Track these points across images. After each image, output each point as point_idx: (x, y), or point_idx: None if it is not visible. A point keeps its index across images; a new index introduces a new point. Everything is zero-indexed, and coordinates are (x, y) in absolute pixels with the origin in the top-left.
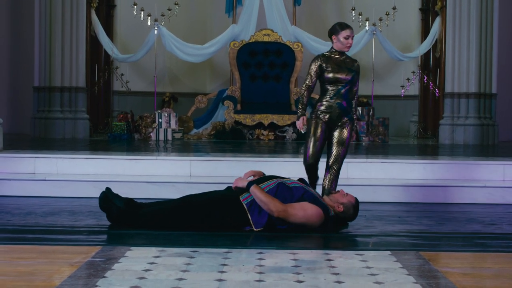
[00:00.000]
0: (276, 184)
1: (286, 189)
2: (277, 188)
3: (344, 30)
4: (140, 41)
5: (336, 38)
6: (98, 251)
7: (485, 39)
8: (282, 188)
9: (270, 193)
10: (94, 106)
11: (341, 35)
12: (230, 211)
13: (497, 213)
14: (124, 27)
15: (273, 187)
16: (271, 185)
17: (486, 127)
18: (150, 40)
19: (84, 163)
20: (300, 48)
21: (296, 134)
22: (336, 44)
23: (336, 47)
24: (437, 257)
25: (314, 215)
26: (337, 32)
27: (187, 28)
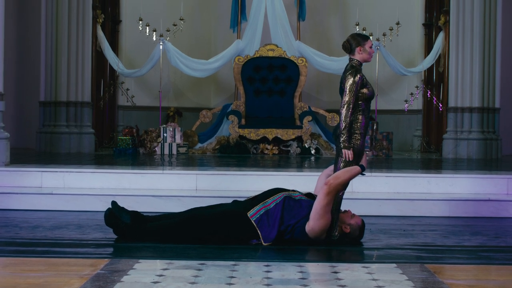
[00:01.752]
0: (283, 197)
1: (293, 201)
2: (284, 201)
3: (368, 39)
4: (145, 56)
5: (362, 49)
6: (106, 263)
7: (488, 53)
8: (289, 200)
9: (277, 207)
10: (100, 121)
11: (367, 45)
12: (237, 226)
13: (502, 226)
14: (130, 42)
15: (280, 201)
16: (278, 199)
17: (490, 141)
18: (155, 55)
19: (90, 177)
20: (304, 63)
21: (300, 148)
22: (361, 55)
23: (361, 58)
24: (442, 270)
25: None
26: (362, 43)
27: (192, 43)
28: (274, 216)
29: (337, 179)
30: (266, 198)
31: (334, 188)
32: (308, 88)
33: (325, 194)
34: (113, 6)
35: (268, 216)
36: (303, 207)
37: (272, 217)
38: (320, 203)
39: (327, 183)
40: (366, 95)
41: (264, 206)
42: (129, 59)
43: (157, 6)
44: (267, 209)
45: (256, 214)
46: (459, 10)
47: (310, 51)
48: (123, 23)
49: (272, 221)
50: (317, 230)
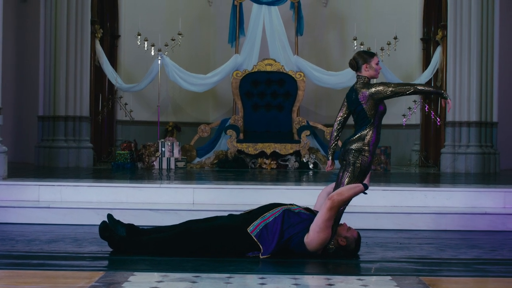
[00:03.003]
0: (282, 211)
1: (293, 215)
2: (283, 215)
3: (374, 56)
4: (144, 71)
5: (368, 66)
6: (101, 276)
7: (486, 68)
8: (288, 214)
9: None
10: (98, 135)
11: (373, 61)
12: (234, 241)
13: (498, 240)
14: (128, 57)
15: (279, 214)
16: (276, 213)
17: (488, 156)
18: (154, 70)
19: (87, 191)
20: (302, 78)
21: (298, 163)
22: (368, 72)
23: (369, 75)
24: (437, 282)
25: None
26: (368, 60)
27: (190, 58)
28: (274, 230)
29: (340, 196)
30: (264, 213)
31: (337, 203)
32: (306, 103)
33: (328, 208)
34: (112, 21)
35: (267, 230)
36: (303, 220)
37: (271, 231)
38: (322, 217)
39: (330, 198)
40: (379, 111)
41: (263, 220)
42: (128, 73)
43: (156, 21)
44: (266, 223)
45: (256, 229)
46: (457, 25)
47: (308, 65)
48: (121, 38)
49: (271, 235)
50: (315, 243)
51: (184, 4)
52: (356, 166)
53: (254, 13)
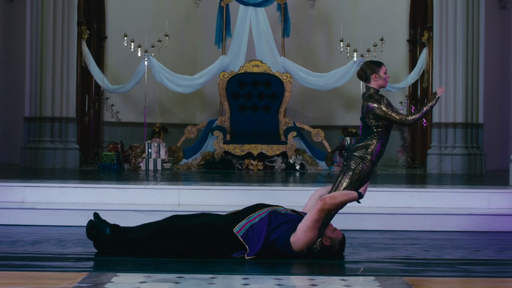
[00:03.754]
0: (268, 212)
1: (279, 215)
2: (270, 216)
3: (382, 65)
4: (131, 72)
5: (377, 75)
6: (84, 277)
7: (472, 69)
8: (274, 215)
9: (263, 221)
10: (84, 137)
11: (382, 71)
12: (219, 239)
13: (483, 240)
14: (115, 58)
15: (265, 215)
16: (262, 214)
17: (474, 157)
18: (140, 71)
19: (73, 192)
20: (289, 79)
21: (285, 164)
22: (377, 82)
23: (377, 85)
24: (421, 282)
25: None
26: (376, 70)
27: (177, 59)
28: (260, 231)
29: (333, 199)
30: (250, 213)
31: (328, 206)
32: (293, 104)
33: (318, 209)
34: (99, 22)
35: (253, 230)
36: (290, 220)
37: (257, 232)
38: (311, 217)
39: (323, 199)
40: (384, 123)
41: (249, 221)
42: (115, 75)
43: (142, 22)
44: (252, 223)
45: (242, 229)
46: (442, 27)
47: (294, 67)
48: (108, 39)
49: (257, 236)
50: (301, 243)
51: (170, 5)
52: (355, 172)
53: (240, 14)
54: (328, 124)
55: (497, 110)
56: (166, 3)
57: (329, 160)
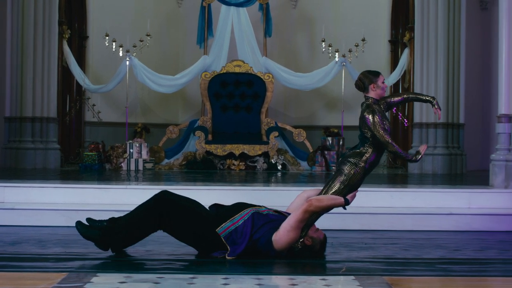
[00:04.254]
0: (251, 214)
1: (262, 216)
2: (253, 217)
3: (379, 75)
4: (112, 72)
5: (375, 85)
6: (64, 277)
7: (453, 70)
8: (257, 216)
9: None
10: (66, 137)
11: (379, 80)
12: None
13: (462, 240)
14: (96, 58)
15: (248, 217)
16: (245, 215)
17: (454, 157)
18: (122, 71)
19: (53, 192)
20: (271, 79)
21: (266, 164)
22: (375, 92)
23: (376, 95)
24: (400, 282)
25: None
26: (374, 79)
27: (159, 59)
28: (244, 233)
29: (319, 202)
30: (233, 214)
31: (314, 208)
32: (275, 104)
33: (303, 210)
34: (80, 22)
35: (237, 233)
36: (272, 220)
37: (241, 234)
38: (295, 216)
39: (309, 201)
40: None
41: (232, 223)
42: (96, 74)
43: (124, 22)
44: (236, 226)
45: (225, 231)
46: (424, 27)
47: (276, 67)
48: (90, 39)
49: (242, 238)
50: (282, 242)
51: (152, 5)
52: (346, 178)
53: (222, 14)
54: (310, 124)
55: (478, 111)
56: (148, 3)
57: (310, 160)
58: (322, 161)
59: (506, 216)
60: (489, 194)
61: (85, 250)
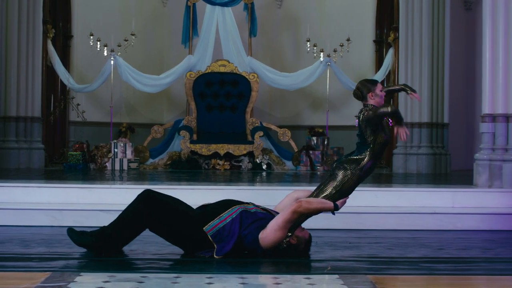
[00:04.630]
0: (239, 212)
1: (250, 215)
2: (241, 216)
3: (377, 83)
4: (97, 71)
5: (374, 94)
6: (47, 277)
7: (437, 70)
8: (245, 215)
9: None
10: (50, 136)
11: (377, 89)
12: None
13: (446, 239)
14: (81, 57)
15: (236, 215)
16: (233, 213)
17: (439, 156)
18: (107, 70)
19: (37, 192)
20: (256, 79)
21: (251, 164)
22: (374, 100)
23: (375, 103)
24: (384, 280)
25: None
26: (372, 88)
27: (143, 59)
28: (232, 231)
29: (309, 204)
30: (221, 211)
31: (302, 210)
32: (260, 104)
33: (292, 211)
34: (65, 21)
35: (224, 231)
36: (260, 218)
37: (229, 232)
38: (283, 216)
39: (299, 202)
40: (382, 139)
41: (220, 221)
42: (81, 74)
43: (109, 21)
44: (224, 224)
45: (213, 229)
46: (408, 27)
47: (261, 66)
48: (74, 38)
49: (229, 237)
50: (269, 240)
51: (137, 5)
52: (339, 183)
53: (207, 14)
54: (295, 124)
55: (462, 110)
56: (132, 2)
57: (295, 160)
58: (307, 160)
59: (489, 215)
60: (473, 193)
61: (69, 249)
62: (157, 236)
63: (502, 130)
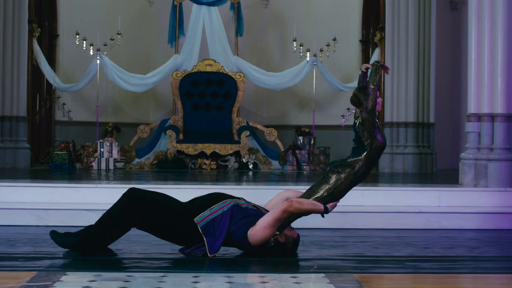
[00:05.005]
0: (230, 206)
1: (241, 210)
2: (232, 210)
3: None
4: (83, 71)
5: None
6: (33, 276)
7: (423, 69)
8: (236, 209)
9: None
10: (36, 136)
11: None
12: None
13: (432, 238)
14: (67, 57)
15: (227, 209)
16: (225, 207)
17: (425, 156)
18: (93, 70)
19: (22, 191)
20: (242, 78)
21: (238, 163)
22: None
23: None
24: (369, 279)
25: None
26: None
27: (130, 58)
28: (221, 225)
29: (300, 205)
30: (212, 204)
31: (293, 209)
32: (247, 104)
33: (283, 210)
34: (50, 20)
35: (214, 224)
36: (250, 215)
37: (218, 226)
38: (273, 214)
39: (290, 201)
40: (378, 143)
41: (211, 213)
42: (66, 73)
43: (95, 20)
44: (214, 216)
45: (203, 221)
46: (394, 27)
47: (248, 66)
48: (60, 37)
49: (219, 230)
50: (257, 238)
51: (123, 4)
52: (332, 186)
53: (194, 13)
54: (281, 124)
55: (448, 110)
56: (119, 2)
57: (282, 160)
58: (293, 160)
59: (475, 214)
60: (459, 192)
61: (54, 249)
62: (143, 235)
63: (488, 129)
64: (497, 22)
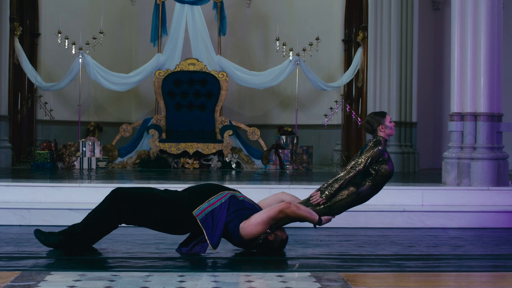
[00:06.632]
0: (228, 197)
1: (237, 202)
2: (230, 201)
3: (386, 115)
4: (65, 70)
5: (383, 126)
6: (17, 276)
7: (405, 69)
8: (234, 201)
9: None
10: (17, 135)
11: (387, 120)
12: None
13: (416, 236)
14: (49, 56)
15: (225, 201)
16: (222, 198)
17: (407, 155)
18: (75, 69)
19: (4, 191)
20: (225, 78)
21: (221, 162)
22: (384, 132)
23: (385, 134)
24: (355, 277)
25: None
26: (382, 121)
27: (112, 57)
28: (219, 217)
29: (297, 209)
30: (209, 195)
31: (289, 212)
32: (230, 103)
33: (279, 210)
34: (32, 18)
35: (213, 216)
36: (246, 208)
37: (216, 218)
38: (269, 212)
39: (289, 203)
40: (386, 171)
41: (209, 205)
42: (48, 72)
43: (77, 19)
44: (213, 208)
45: (202, 213)
46: (377, 27)
47: (230, 65)
48: (42, 36)
49: (216, 222)
50: (249, 231)
51: (106, 3)
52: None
53: (176, 12)
54: (264, 123)
55: (430, 110)
56: (101, 0)
57: (265, 159)
58: (276, 159)
59: (458, 213)
60: (442, 191)
61: (38, 248)
62: (127, 234)
63: (470, 128)
64: (480, 21)
